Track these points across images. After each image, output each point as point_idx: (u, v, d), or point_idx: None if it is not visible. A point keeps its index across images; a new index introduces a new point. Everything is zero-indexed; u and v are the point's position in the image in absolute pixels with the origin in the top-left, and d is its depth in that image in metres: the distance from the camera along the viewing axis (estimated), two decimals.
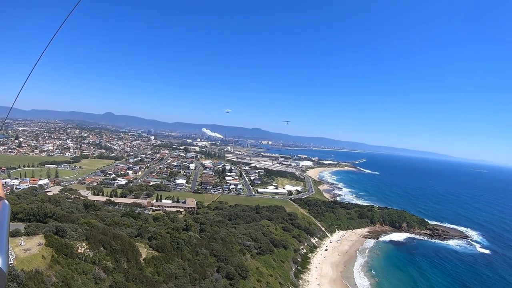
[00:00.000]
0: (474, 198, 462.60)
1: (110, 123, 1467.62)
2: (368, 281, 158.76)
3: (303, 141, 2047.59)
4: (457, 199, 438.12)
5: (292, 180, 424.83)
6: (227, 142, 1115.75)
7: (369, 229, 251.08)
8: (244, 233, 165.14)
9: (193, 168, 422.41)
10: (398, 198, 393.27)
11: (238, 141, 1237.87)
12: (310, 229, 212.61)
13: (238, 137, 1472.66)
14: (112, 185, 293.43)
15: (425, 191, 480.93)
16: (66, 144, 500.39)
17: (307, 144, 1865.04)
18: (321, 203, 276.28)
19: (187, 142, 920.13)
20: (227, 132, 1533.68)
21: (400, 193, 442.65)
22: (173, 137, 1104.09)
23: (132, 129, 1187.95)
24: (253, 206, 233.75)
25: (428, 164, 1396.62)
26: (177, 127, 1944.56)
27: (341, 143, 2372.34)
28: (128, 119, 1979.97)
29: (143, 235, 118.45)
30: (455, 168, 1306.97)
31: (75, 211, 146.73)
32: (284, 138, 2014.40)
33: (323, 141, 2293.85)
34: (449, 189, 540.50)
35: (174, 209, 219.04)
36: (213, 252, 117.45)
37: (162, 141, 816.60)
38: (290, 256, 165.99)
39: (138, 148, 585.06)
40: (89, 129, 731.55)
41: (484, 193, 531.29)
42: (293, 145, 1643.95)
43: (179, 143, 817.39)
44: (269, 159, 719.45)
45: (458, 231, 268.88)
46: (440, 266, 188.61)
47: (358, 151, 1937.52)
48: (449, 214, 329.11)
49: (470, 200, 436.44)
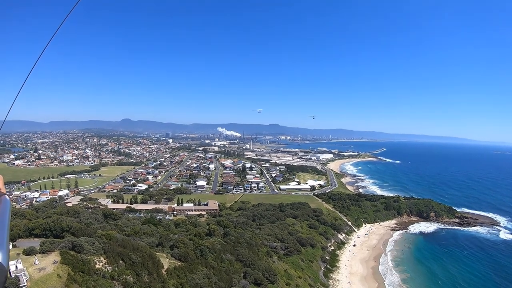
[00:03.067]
0: (498, 182, 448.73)
1: (128, 129, 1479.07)
2: (399, 276, 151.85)
3: (321, 134, 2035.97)
4: (480, 184, 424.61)
5: (313, 174, 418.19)
6: (246, 140, 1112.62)
7: (396, 220, 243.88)
8: (269, 233, 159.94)
9: (213, 169, 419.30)
10: (421, 187, 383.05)
11: (256, 138, 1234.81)
12: (336, 224, 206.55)
13: (256, 134, 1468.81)
14: (132, 191, 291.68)
15: (448, 178, 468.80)
16: (85, 153, 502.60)
17: (326, 137, 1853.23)
18: (345, 196, 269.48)
19: (206, 142, 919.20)
20: (244, 130, 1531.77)
21: (423, 181, 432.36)
22: (191, 139, 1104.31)
23: (150, 133, 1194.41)
24: (276, 204, 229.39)
25: (448, 150, 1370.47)
26: (194, 128, 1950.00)
27: (360, 133, 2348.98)
28: (145, 124, 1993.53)
29: (164, 244, 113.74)
30: (475, 152, 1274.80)
31: (94, 221, 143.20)
32: (302, 132, 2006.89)
33: (342, 132, 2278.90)
34: (471, 174, 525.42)
35: (196, 213, 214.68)
36: (239, 257, 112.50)
37: (181, 143, 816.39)
38: (318, 254, 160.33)
39: (157, 152, 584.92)
40: (107, 137, 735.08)
41: (508, 176, 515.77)
42: (312, 139, 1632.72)
43: (197, 144, 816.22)
44: (288, 154, 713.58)
45: (487, 218, 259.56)
46: (473, 256, 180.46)
47: (378, 140, 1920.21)
48: (475, 200, 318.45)
49: (493, 185, 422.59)
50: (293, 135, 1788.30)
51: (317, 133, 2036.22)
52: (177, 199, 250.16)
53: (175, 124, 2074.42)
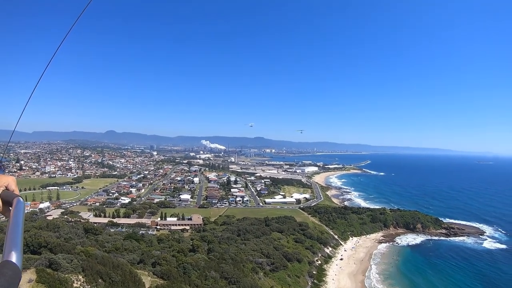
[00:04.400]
0: (481, 192, 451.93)
1: (112, 141, 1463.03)
2: None
3: (306, 146, 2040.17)
4: (464, 194, 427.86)
5: (299, 187, 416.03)
6: (230, 153, 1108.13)
7: (383, 233, 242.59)
8: (254, 249, 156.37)
9: (197, 182, 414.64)
10: (405, 198, 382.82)
11: (241, 151, 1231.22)
12: (322, 238, 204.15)
13: (241, 147, 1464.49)
14: (115, 204, 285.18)
15: (431, 189, 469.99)
16: (68, 165, 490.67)
17: (311, 150, 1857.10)
18: (331, 209, 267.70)
19: (190, 155, 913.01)
20: (229, 142, 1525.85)
21: (406, 193, 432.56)
22: (175, 151, 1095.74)
23: (134, 145, 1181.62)
24: (261, 218, 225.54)
25: (432, 161, 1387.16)
26: (179, 141, 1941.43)
27: (344, 146, 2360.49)
28: (130, 136, 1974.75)
29: (146, 261, 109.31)
30: (459, 163, 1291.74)
31: (74, 236, 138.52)
32: (287, 145, 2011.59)
33: (326, 145, 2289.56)
34: (455, 185, 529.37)
35: (179, 227, 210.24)
36: (224, 274, 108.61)
37: (165, 156, 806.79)
38: (305, 269, 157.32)
39: (141, 165, 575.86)
40: (91, 148, 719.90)
41: (491, 186, 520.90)
42: (297, 152, 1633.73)
43: (182, 157, 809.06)
44: (273, 167, 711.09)
45: (473, 228, 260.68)
46: (461, 266, 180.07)
47: (363, 153, 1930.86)
48: (459, 210, 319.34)
49: (476, 196, 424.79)
50: (278, 148, 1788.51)
51: (302, 146, 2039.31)
52: (161, 213, 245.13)
53: (159, 137, 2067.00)
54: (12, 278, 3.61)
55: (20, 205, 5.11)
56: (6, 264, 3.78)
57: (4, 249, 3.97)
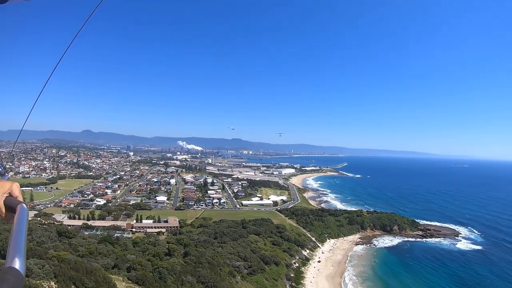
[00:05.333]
0: (456, 194, 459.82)
1: (88, 140, 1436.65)
2: None
3: (284, 148, 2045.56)
4: (440, 197, 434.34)
5: (276, 189, 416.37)
6: (208, 154, 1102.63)
7: (360, 235, 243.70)
8: (232, 252, 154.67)
9: (174, 184, 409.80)
10: (383, 201, 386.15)
11: (218, 153, 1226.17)
12: (300, 240, 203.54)
13: (218, 148, 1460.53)
14: (90, 206, 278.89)
15: (407, 191, 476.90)
16: (43, 165, 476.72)
17: (288, 152, 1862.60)
18: (308, 212, 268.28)
19: (167, 156, 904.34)
20: (207, 144, 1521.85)
21: (382, 195, 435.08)
22: (152, 152, 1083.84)
23: (111, 145, 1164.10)
24: (238, 221, 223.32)
25: (409, 164, 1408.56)
26: (156, 141, 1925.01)
27: (321, 148, 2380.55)
28: (106, 135, 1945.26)
29: (120, 266, 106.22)
30: (435, 166, 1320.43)
31: (47, 240, 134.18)
32: (265, 147, 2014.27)
33: (304, 147, 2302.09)
34: (430, 187, 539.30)
35: (155, 230, 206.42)
36: (200, 279, 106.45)
37: (142, 156, 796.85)
38: (283, 272, 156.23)
39: (117, 166, 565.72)
40: (66, 148, 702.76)
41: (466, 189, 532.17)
42: (274, 154, 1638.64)
43: (159, 158, 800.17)
44: (251, 169, 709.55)
45: (449, 229, 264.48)
46: (436, 268, 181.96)
47: (340, 155, 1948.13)
48: (434, 213, 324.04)
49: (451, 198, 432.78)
50: (255, 149, 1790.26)
51: (280, 148, 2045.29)
52: (136, 215, 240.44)
53: (137, 137, 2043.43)
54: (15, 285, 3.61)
55: (23, 212, 5.11)
56: (9, 270, 3.80)
57: (8, 255, 4.01)
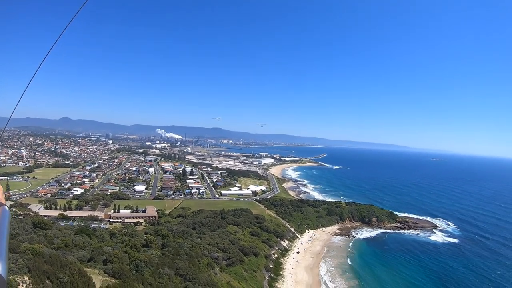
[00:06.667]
0: (432, 188, 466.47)
1: (67, 128, 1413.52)
2: (345, 284, 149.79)
3: (263, 138, 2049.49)
4: (416, 190, 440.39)
5: (255, 179, 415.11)
6: (187, 143, 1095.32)
7: (339, 226, 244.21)
8: (210, 243, 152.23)
9: (152, 173, 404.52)
10: (361, 193, 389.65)
11: (198, 142, 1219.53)
12: (279, 231, 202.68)
13: (198, 137, 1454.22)
14: (67, 196, 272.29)
15: (385, 183, 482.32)
16: (20, 153, 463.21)
17: (268, 142, 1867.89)
18: (288, 202, 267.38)
19: (147, 144, 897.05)
20: (186, 132, 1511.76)
21: (360, 187, 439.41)
22: (132, 140, 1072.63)
23: (89, 133, 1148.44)
24: (217, 211, 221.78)
25: (388, 156, 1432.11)
26: (136, 129, 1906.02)
27: (301, 139, 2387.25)
28: (85, 123, 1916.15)
29: (96, 259, 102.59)
30: (413, 159, 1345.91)
31: (22, 232, 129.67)
32: (245, 137, 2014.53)
33: (284, 137, 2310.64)
34: (407, 179, 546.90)
35: (133, 220, 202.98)
36: (178, 271, 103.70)
37: (121, 145, 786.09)
38: (262, 263, 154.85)
39: (95, 154, 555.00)
40: (44, 136, 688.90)
41: (441, 182, 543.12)
42: (254, 143, 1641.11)
43: (138, 146, 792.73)
44: (230, 158, 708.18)
45: (427, 222, 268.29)
46: (414, 259, 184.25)
47: (319, 146, 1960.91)
48: (414, 205, 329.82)
49: (433, 190, 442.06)
50: (235, 139, 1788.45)
51: (259, 138, 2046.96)
52: (114, 205, 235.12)
53: (116, 125, 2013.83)
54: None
55: (5, 214, 5.17)
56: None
57: None
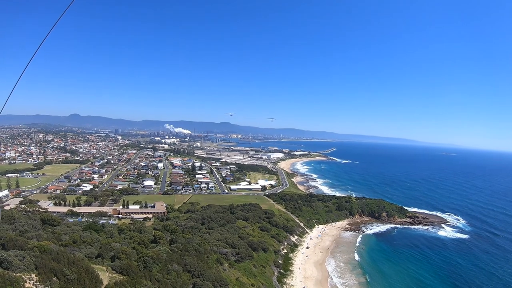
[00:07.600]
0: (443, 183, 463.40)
1: (76, 125, 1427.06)
2: (355, 280, 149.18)
3: (273, 133, 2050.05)
4: (428, 184, 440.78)
5: (264, 174, 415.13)
6: (196, 138, 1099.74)
7: (348, 221, 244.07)
8: (219, 238, 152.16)
9: (161, 168, 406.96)
10: (371, 187, 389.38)
11: (207, 136, 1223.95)
12: (288, 226, 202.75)
13: (207, 132, 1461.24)
14: (77, 192, 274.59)
15: (396, 178, 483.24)
16: (29, 150, 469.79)
17: (277, 136, 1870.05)
18: (297, 197, 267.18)
19: (155, 140, 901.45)
20: (195, 127, 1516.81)
21: (368, 181, 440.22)
22: (141, 136, 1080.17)
23: (99, 129, 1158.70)
24: (226, 206, 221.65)
25: (397, 150, 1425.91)
26: (145, 125, 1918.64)
27: (310, 133, 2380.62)
28: (94, 119, 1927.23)
29: (104, 255, 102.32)
30: (423, 153, 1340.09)
31: (30, 229, 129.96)
32: (254, 131, 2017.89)
33: (293, 132, 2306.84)
34: (419, 174, 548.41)
35: (142, 216, 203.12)
36: (187, 267, 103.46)
37: (130, 140, 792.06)
38: (271, 259, 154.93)
39: (104, 150, 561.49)
40: (54, 133, 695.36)
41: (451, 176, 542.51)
42: (263, 138, 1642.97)
43: (147, 142, 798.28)
44: (239, 153, 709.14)
45: (437, 217, 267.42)
46: (424, 255, 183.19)
47: (328, 140, 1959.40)
48: (423, 200, 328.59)
49: (443, 185, 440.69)
50: (244, 133, 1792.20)
51: (268, 132, 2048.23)
52: (123, 201, 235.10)
53: (125, 121, 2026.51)
54: None
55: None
56: None
57: None
